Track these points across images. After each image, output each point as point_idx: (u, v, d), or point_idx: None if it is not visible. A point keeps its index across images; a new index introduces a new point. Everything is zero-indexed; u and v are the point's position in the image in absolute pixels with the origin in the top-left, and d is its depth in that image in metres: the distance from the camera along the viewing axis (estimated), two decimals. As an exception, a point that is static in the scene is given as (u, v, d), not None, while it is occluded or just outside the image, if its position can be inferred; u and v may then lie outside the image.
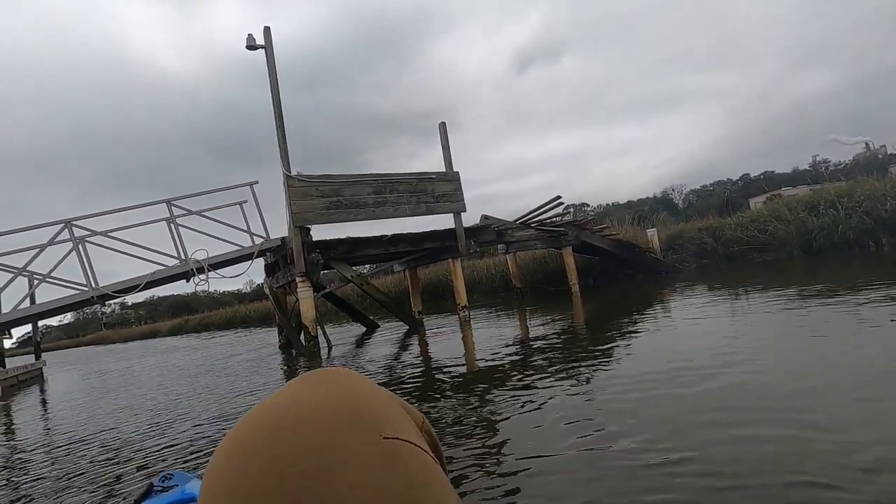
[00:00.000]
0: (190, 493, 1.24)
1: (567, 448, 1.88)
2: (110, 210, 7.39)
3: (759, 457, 1.55)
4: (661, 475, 1.52)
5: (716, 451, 1.65)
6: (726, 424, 1.86)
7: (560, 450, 1.87)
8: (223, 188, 8.04)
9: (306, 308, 6.98)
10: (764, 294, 5.36)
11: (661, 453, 1.67)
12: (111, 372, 9.74)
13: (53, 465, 2.85)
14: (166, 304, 59.46)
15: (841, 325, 3.24)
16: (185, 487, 1.28)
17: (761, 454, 1.57)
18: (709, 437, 1.77)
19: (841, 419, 1.75)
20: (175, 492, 1.27)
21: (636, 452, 1.72)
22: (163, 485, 1.32)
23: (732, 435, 1.75)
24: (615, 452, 1.75)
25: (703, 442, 1.73)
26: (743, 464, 1.52)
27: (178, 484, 1.31)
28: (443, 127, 8.12)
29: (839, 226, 9.09)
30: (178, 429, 3.25)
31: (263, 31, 7.01)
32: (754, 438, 1.69)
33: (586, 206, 56.27)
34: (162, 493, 1.28)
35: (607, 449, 1.80)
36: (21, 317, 7.24)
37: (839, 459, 1.45)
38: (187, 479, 1.35)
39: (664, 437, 1.81)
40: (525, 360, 3.85)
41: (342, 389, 0.42)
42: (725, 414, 1.98)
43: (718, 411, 2.02)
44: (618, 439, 1.87)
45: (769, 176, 51.26)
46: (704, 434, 1.80)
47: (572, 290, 9.81)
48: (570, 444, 1.91)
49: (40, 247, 6.94)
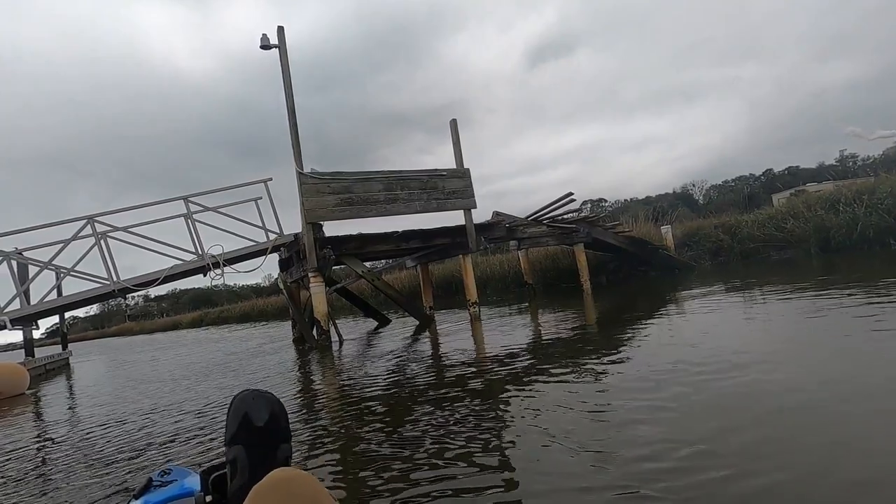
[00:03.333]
0: (188, 488, 1.27)
1: (574, 446, 1.91)
2: (131, 206, 7.63)
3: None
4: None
5: (724, 450, 1.69)
6: (737, 429, 1.83)
7: (569, 451, 1.87)
8: (238, 185, 8.23)
9: (318, 303, 7.13)
10: (778, 296, 5.31)
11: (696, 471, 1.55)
12: (134, 362, 10.07)
13: (71, 450, 3.01)
14: (187, 297, 60.79)
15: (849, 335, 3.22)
16: (184, 482, 1.31)
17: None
18: (720, 439, 1.76)
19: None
20: (174, 486, 1.29)
21: (652, 460, 1.65)
22: (162, 479, 1.35)
23: (747, 439, 1.78)
24: (628, 459, 1.70)
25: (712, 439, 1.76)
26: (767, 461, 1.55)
27: (177, 479, 1.34)
28: (454, 124, 8.16)
29: (859, 223, 8.89)
30: (174, 420, 3.40)
31: (277, 31, 7.14)
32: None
33: (604, 201, 55.58)
34: (161, 487, 1.31)
35: (618, 453, 1.75)
36: (48, 308, 7.54)
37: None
38: (186, 473, 1.38)
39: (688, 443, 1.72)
40: (528, 358, 3.90)
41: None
42: (737, 420, 1.90)
43: (728, 414, 2.03)
44: (630, 445, 1.81)
45: (793, 171, 49.95)
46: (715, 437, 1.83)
47: (584, 287, 9.79)
48: (576, 445, 1.96)
49: (65, 241, 7.21)
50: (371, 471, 1.93)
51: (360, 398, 3.27)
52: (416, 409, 2.76)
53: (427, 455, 2.00)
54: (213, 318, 31.22)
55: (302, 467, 2.05)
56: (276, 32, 7.16)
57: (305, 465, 2.12)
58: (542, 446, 1.92)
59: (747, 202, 23.78)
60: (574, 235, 9.77)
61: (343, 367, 5.00)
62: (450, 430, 2.27)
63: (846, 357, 2.56)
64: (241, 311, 28.47)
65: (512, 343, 4.64)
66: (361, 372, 4.36)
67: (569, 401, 2.47)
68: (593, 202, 53.93)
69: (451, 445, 2.06)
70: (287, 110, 7.11)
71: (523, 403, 2.55)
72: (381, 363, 4.68)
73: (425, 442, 2.16)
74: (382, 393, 3.34)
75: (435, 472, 1.82)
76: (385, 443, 2.24)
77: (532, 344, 4.54)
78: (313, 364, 5.53)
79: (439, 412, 2.61)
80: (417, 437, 2.24)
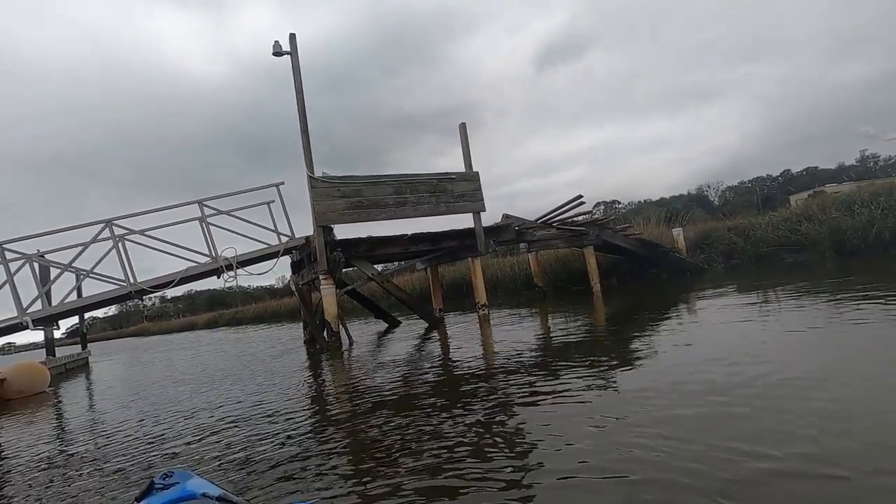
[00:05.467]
0: (190, 491, 1.29)
1: (580, 446, 1.94)
2: (147, 210, 7.80)
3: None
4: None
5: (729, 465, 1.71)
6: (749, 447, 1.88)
7: (580, 455, 1.90)
8: (251, 189, 8.36)
9: (329, 304, 7.23)
10: (792, 301, 5.27)
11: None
12: (151, 363, 10.29)
13: (80, 450, 3.12)
14: (203, 299, 61.63)
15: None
16: (186, 485, 1.33)
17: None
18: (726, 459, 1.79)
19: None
20: (176, 489, 1.32)
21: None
22: (164, 482, 1.36)
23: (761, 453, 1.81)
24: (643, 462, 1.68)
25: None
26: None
27: (179, 482, 1.36)
28: (463, 128, 8.22)
29: (874, 225, 8.73)
30: (184, 421, 3.49)
31: (289, 38, 7.27)
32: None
33: (617, 203, 55.03)
34: (163, 490, 1.33)
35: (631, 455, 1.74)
36: (68, 309, 7.75)
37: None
38: (188, 476, 1.40)
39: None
40: (536, 361, 3.93)
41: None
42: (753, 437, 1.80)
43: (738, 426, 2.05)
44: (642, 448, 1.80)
45: (812, 172, 49.02)
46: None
47: (594, 289, 9.77)
48: (582, 441, 1.99)
49: (84, 245, 7.40)
50: (381, 468, 1.99)
51: (367, 399, 3.33)
52: (423, 410, 2.81)
53: (433, 456, 2.05)
54: (227, 319, 31.65)
55: (307, 467, 2.12)
56: (288, 39, 7.29)
57: (311, 465, 2.19)
58: (554, 451, 1.92)
59: (764, 203, 23.39)
60: (584, 238, 9.76)
61: (351, 368, 5.08)
62: (458, 432, 2.30)
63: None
64: (254, 312, 28.83)
65: (520, 346, 4.68)
66: (369, 373, 4.44)
67: (579, 408, 2.44)
68: (606, 204, 53.43)
69: (460, 448, 2.09)
70: (298, 115, 7.24)
71: (532, 407, 2.58)
72: (390, 365, 4.75)
73: (432, 443, 2.21)
74: (390, 394, 3.40)
75: (444, 472, 1.87)
76: (396, 442, 2.29)
77: (540, 347, 4.57)
78: (323, 365, 5.62)
79: (445, 414, 2.65)
80: (423, 438, 2.30)
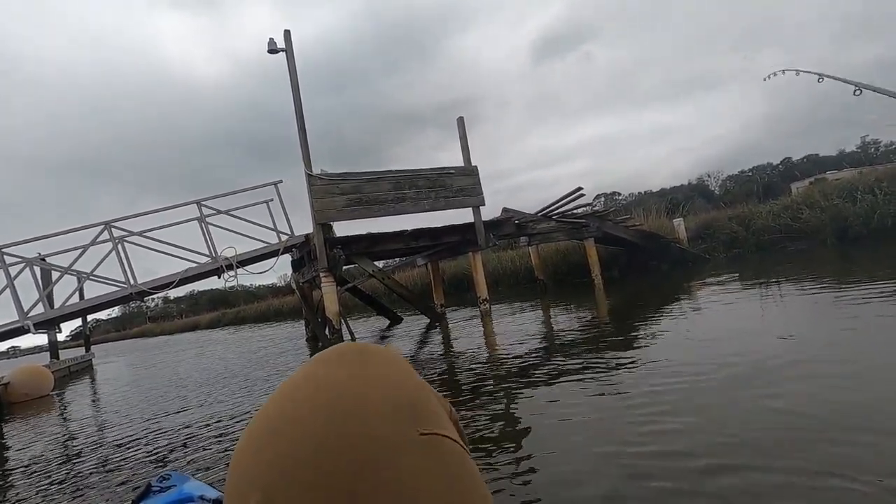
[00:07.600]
0: (188, 494, 1.28)
1: (585, 448, 1.93)
2: (145, 211, 7.80)
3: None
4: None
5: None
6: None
7: (583, 453, 1.87)
8: (249, 188, 8.35)
9: (330, 302, 7.22)
10: (787, 286, 5.25)
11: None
12: (154, 364, 10.31)
13: (79, 455, 3.12)
14: (206, 298, 61.81)
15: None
16: (183, 488, 1.32)
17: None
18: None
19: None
20: (173, 492, 1.31)
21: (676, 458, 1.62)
22: (160, 485, 1.36)
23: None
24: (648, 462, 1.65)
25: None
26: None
27: (176, 484, 1.36)
28: (461, 122, 8.18)
29: (877, 212, 8.68)
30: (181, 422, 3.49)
31: (284, 35, 7.22)
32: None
33: (617, 194, 55.02)
34: (160, 493, 1.32)
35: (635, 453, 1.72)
36: (69, 312, 7.76)
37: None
38: (185, 479, 1.40)
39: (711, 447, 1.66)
40: (538, 354, 3.92)
41: (379, 376, 0.42)
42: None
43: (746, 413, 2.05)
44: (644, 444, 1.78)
45: (813, 159, 48.87)
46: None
47: (595, 282, 9.75)
48: (584, 442, 1.98)
49: (83, 247, 7.40)
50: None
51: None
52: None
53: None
54: (230, 319, 31.71)
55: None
56: (283, 36, 7.24)
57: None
58: (558, 447, 1.91)
59: (765, 192, 23.30)
60: (584, 230, 9.72)
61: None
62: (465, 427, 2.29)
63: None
64: (257, 310, 28.86)
65: (522, 340, 4.66)
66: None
67: (584, 400, 2.43)
68: (607, 196, 53.40)
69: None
70: (295, 112, 7.20)
71: (534, 401, 2.57)
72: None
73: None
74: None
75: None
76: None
77: (543, 340, 4.55)
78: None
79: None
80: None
